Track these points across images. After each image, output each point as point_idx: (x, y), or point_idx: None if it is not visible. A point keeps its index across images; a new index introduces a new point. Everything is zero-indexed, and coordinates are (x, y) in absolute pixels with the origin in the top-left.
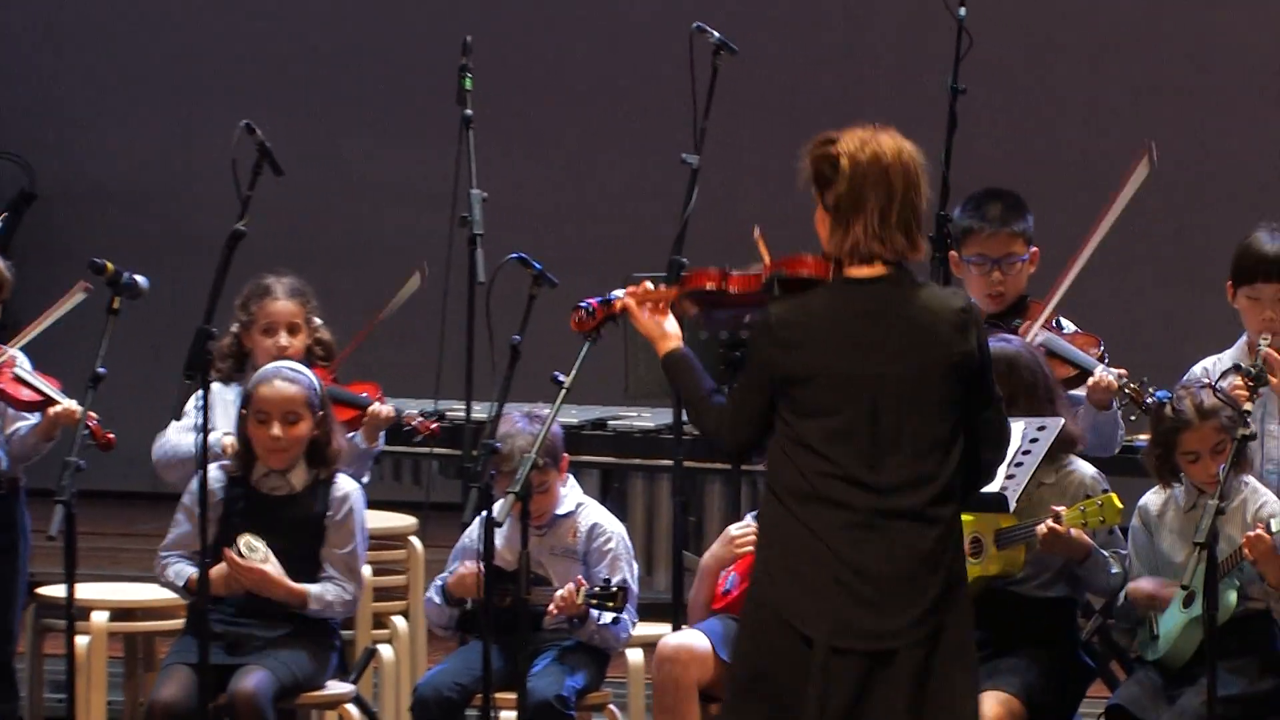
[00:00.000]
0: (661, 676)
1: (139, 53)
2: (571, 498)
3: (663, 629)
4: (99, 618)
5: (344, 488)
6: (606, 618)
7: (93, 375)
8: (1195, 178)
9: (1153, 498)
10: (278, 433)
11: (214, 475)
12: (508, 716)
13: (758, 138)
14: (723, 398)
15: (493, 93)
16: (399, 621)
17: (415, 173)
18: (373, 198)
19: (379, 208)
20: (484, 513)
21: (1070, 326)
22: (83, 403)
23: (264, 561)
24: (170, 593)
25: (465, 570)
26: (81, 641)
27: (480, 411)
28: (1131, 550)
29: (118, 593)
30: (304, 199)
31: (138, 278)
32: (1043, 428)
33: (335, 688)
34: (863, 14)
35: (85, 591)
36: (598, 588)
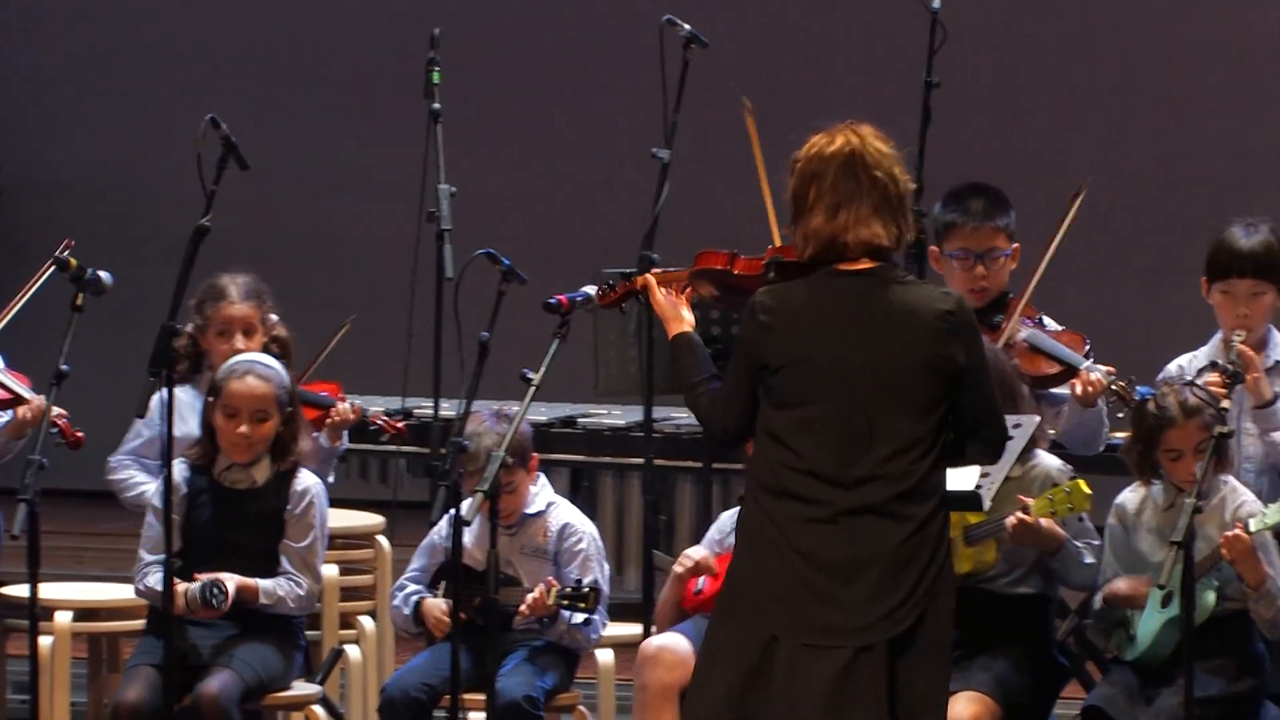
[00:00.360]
0: (643, 679)
1: (103, 47)
2: (542, 497)
3: (633, 629)
4: (62, 618)
5: (305, 482)
6: (578, 618)
7: (56, 372)
8: (1168, 174)
9: (1130, 496)
10: (245, 430)
11: (179, 469)
12: (476, 717)
13: (729, 132)
14: (720, 384)
15: (461, 87)
16: (366, 621)
17: (382, 167)
18: (339, 193)
19: (345, 203)
20: (452, 511)
21: (1054, 324)
22: (47, 400)
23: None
24: (140, 598)
25: (438, 606)
26: (45, 642)
27: (448, 409)
28: (1108, 549)
29: (81, 593)
30: (270, 194)
31: (102, 274)
32: (1018, 425)
33: (301, 688)
34: (835, 8)
35: (49, 591)
36: (569, 588)
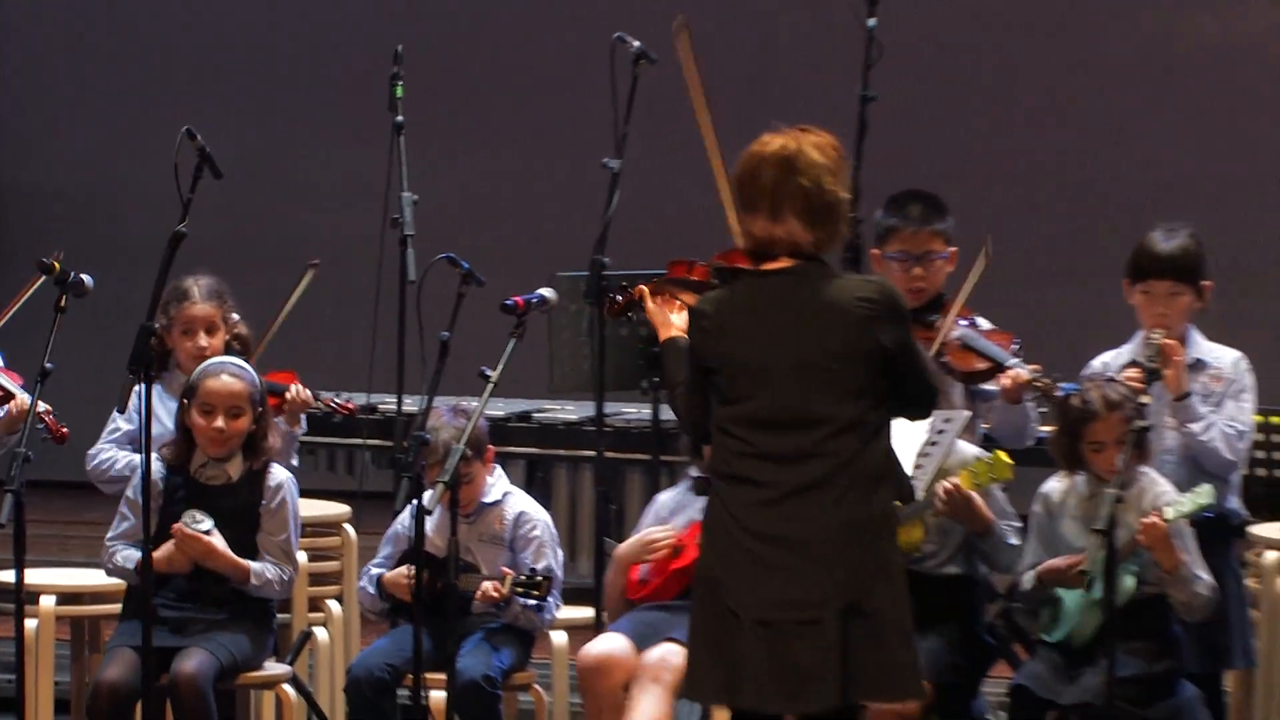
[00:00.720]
0: (586, 687)
1: (86, 62)
2: (498, 487)
3: (585, 612)
4: (47, 602)
5: (278, 476)
6: (532, 603)
7: (41, 370)
8: (1092, 182)
9: (1055, 485)
10: (221, 425)
11: (155, 467)
12: (437, 695)
13: (675, 143)
14: None
15: (424, 100)
16: (334, 605)
17: (349, 177)
18: (308, 200)
19: (314, 210)
20: (414, 501)
21: (986, 324)
22: (32, 396)
23: (209, 534)
24: (111, 578)
25: (400, 573)
26: (30, 624)
27: (411, 405)
28: (1034, 535)
29: (65, 578)
30: (243, 201)
31: (84, 276)
32: (949, 419)
33: (272, 668)
34: (775, 24)
35: (34, 577)
36: (524, 576)
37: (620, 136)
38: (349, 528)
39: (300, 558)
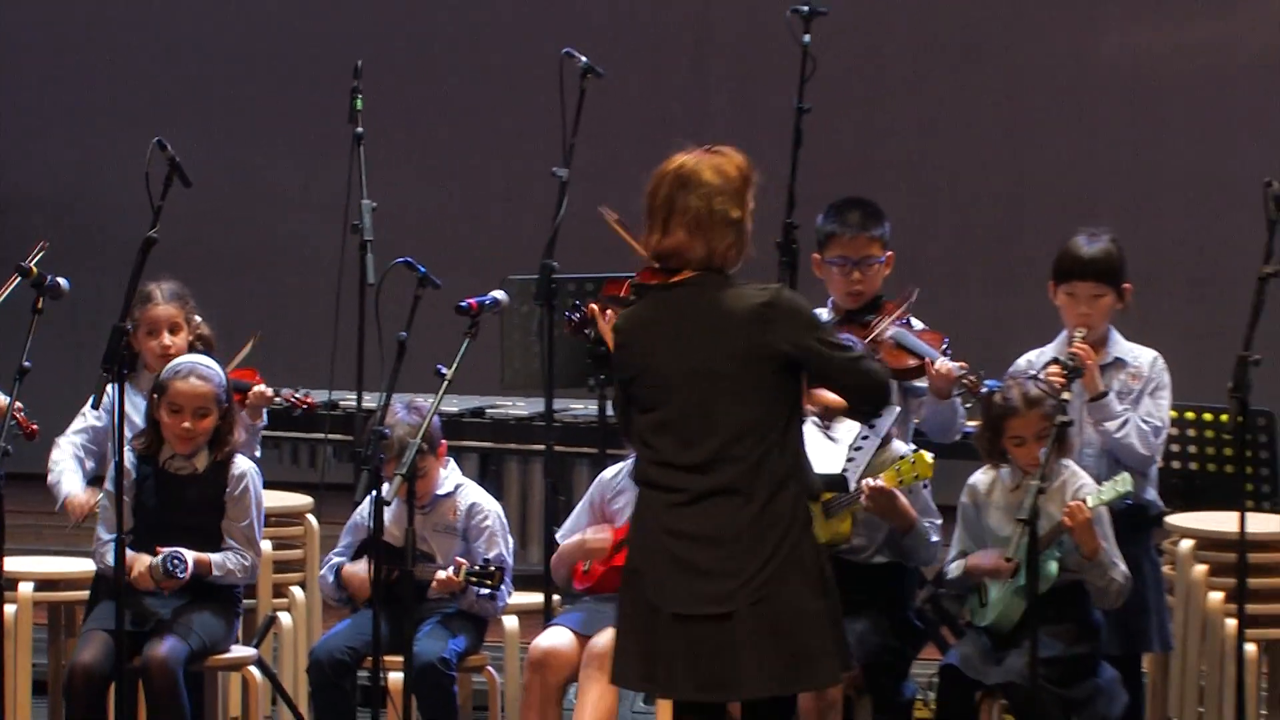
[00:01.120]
0: (529, 679)
1: (61, 78)
2: (451, 479)
3: (535, 598)
4: (25, 588)
5: (241, 467)
6: (485, 591)
7: (19, 369)
8: (1017, 188)
9: (981, 477)
10: (189, 424)
11: (128, 458)
12: (395, 677)
13: (620, 153)
14: None
15: (383, 112)
16: (297, 591)
17: (311, 184)
18: (273, 207)
19: (278, 216)
20: (373, 493)
21: (920, 325)
22: (9, 394)
23: (184, 577)
24: (90, 564)
25: (360, 577)
26: (9, 610)
27: (370, 401)
28: (960, 524)
29: (42, 565)
30: (211, 209)
31: (60, 280)
32: (879, 415)
33: (239, 651)
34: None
35: (12, 564)
36: (477, 567)
37: (568, 147)
38: (311, 518)
39: (265, 546)
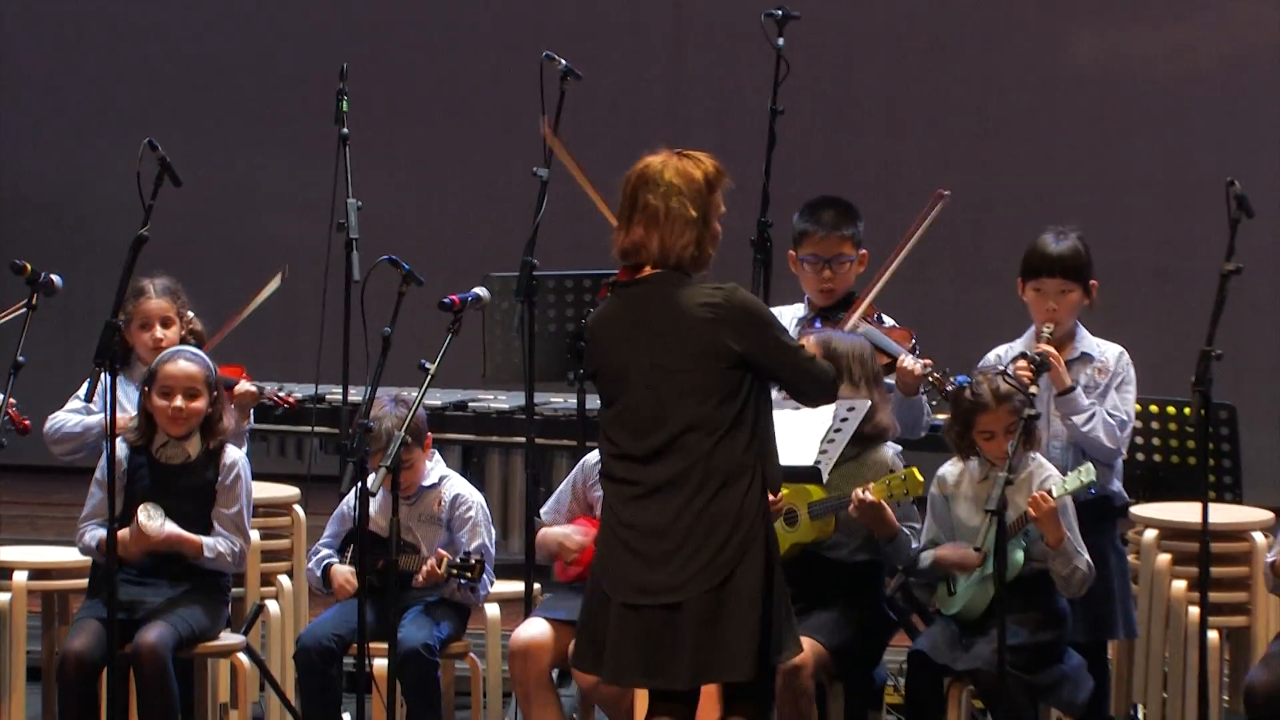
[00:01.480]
0: (515, 671)
1: (54, 80)
2: (436, 471)
3: (516, 586)
4: (20, 577)
5: (232, 455)
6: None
7: (13, 364)
8: (986, 188)
9: (950, 469)
10: (180, 404)
11: (119, 449)
12: (380, 664)
13: (598, 153)
14: None
15: (368, 113)
16: (284, 580)
17: (299, 184)
18: (261, 206)
19: (266, 215)
20: (359, 484)
21: (890, 321)
22: (3, 389)
23: (162, 526)
24: (83, 555)
25: (346, 578)
26: (4, 598)
27: (356, 395)
28: (930, 515)
29: (36, 555)
30: (200, 207)
31: (53, 277)
32: (852, 408)
33: (227, 639)
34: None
35: (7, 554)
36: (459, 558)
37: (548, 148)
38: (298, 509)
39: (253, 536)
